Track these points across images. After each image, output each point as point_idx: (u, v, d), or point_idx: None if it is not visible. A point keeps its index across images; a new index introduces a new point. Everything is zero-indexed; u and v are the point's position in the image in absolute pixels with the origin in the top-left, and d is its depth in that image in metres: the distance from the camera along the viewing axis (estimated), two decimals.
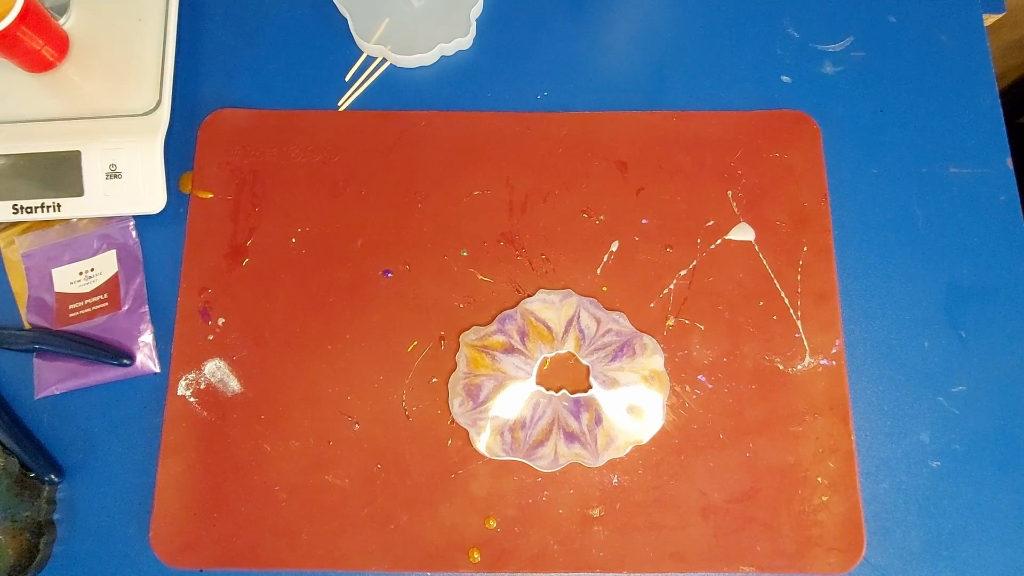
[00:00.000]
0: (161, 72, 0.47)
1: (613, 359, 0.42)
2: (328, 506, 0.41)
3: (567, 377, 0.43)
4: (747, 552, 0.40)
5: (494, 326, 0.43)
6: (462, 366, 0.42)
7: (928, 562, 0.41)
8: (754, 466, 0.42)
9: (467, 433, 0.42)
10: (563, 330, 0.43)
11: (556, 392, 0.42)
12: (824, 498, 0.41)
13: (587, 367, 0.43)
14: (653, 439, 0.42)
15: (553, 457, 0.41)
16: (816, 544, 0.40)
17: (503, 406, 0.42)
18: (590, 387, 0.42)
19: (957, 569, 0.40)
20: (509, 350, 0.43)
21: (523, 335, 0.43)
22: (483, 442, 0.41)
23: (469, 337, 0.43)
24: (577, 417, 0.42)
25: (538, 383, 0.43)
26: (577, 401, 0.42)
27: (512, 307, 0.44)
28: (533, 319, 0.43)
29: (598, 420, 0.42)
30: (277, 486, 0.41)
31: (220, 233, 0.45)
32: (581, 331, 0.43)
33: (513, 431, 0.41)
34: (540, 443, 0.41)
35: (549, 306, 0.43)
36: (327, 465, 0.42)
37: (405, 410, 0.42)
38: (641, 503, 0.41)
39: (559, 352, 0.43)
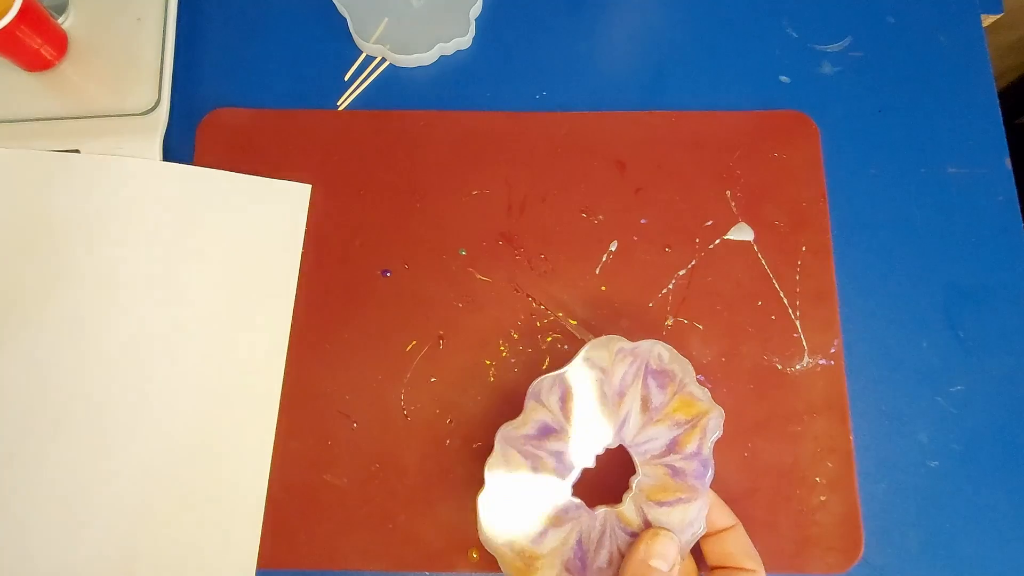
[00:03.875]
0: (160, 71, 0.47)
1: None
2: (326, 505, 0.41)
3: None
4: None
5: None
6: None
7: (927, 561, 0.41)
8: (752, 466, 0.42)
9: (466, 432, 0.42)
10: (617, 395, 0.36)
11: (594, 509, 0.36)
12: (822, 498, 0.41)
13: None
14: None
15: None
16: (814, 544, 0.40)
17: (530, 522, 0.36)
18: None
19: (956, 569, 0.40)
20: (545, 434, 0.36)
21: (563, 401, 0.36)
22: None
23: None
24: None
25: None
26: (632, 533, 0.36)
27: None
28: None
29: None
30: (275, 486, 0.41)
31: None
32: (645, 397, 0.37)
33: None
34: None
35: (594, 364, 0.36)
36: (325, 464, 0.42)
37: (404, 409, 0.42)
38: None
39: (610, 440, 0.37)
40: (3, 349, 0.42)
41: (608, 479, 0.38)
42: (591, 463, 0.37)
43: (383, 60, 0.48)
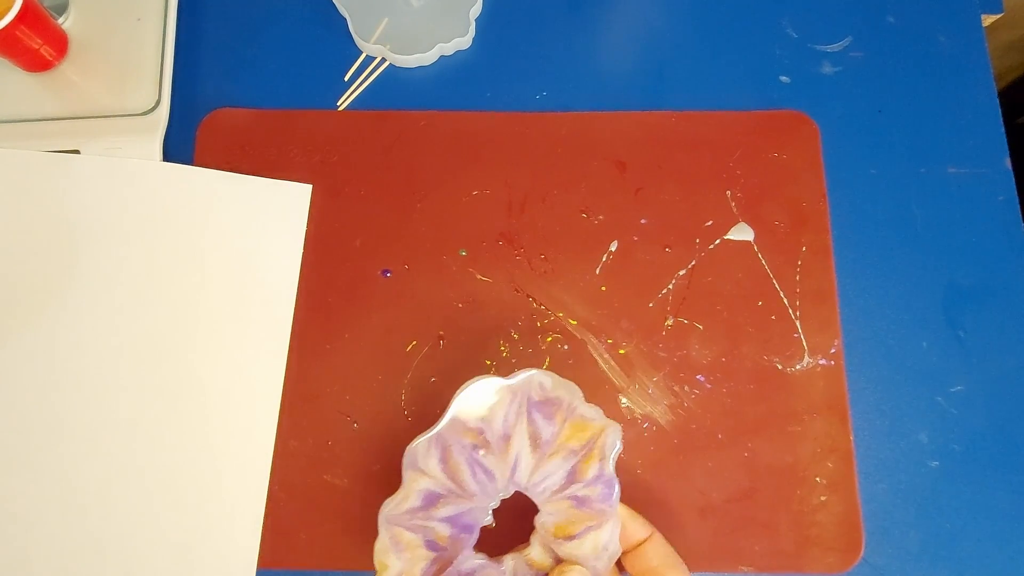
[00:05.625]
0: (160, 72, 0.47)
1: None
2: (327, 506, 0.41)
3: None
4: (745, 552, 0.40)
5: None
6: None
7: (927, 562, 0.41)
8: (753, 466, 0.42)
9: None
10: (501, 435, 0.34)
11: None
12: (823, 498, 0.41)
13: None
14: (652, 439, 0.42)
15: None
16: (815, 544, 0.40)
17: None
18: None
19: (955, 569, 0.41)
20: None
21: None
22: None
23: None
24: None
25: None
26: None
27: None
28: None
29: None
30: (275, 486, 0.41)
31: None
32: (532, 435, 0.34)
33: None
34: None
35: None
36: (326, 465, 0.42)
37: (404, 410, 0.42)
38: (639, 502, 0.41)
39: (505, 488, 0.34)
40: (3, 349, 0.42)
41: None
42: (489, 519, 0.34)
43: (383, 60, 0.48)
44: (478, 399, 0.33)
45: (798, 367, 0.43)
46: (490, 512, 0.34)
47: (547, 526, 0.34)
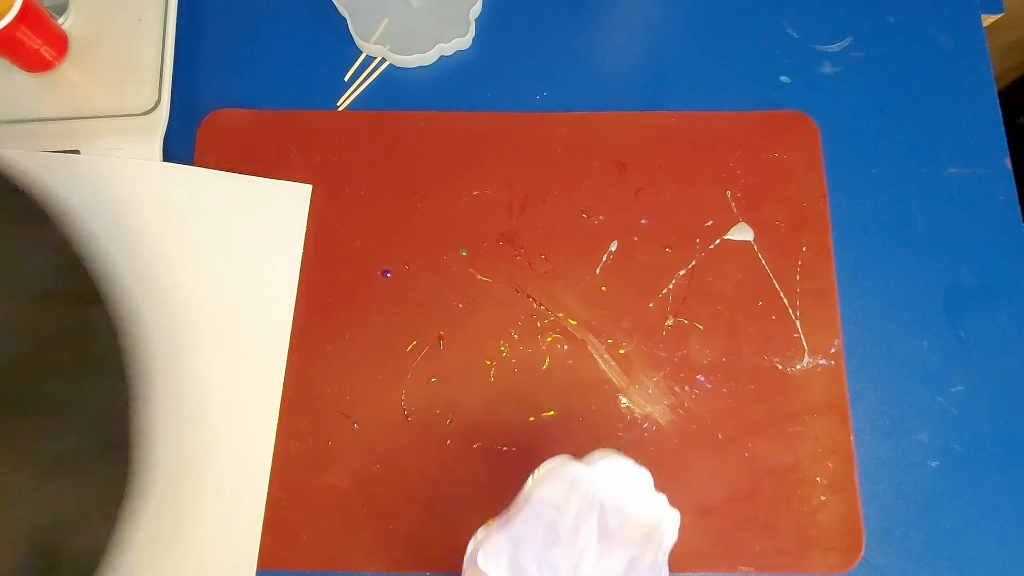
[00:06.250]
0: (160, 72, 0.47)
1: None
2: (327, 506, 0.41)
3: None
4: (746, 552, 0.40)
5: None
6: None
7: (927, 562, 0.41)
8: (753, 466, 0.42)
9: (466, 432, 0.42)
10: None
11: None
12: (823, 498, 0.41)
13: None
14: (652, 439, 0.42)
15: None
16: (815, 544, 0.40)
17: None
18: None
19: (956, 569, 0.40)
20: None
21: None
22: None
23: None
24: None
25: None
26: None
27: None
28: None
29: None
30: (275, 486, 0.41)
31: None
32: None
33: None
34: None
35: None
36: (326, 465, 0.42)
37: (404, 410, 0.42)
38: None
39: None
40: None
41: None
42: None
43: (383, 60, 0.48)
44: (554, 484, 0.31)
45: (798, 367, 0.43)
46: None
47: None
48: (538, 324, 0.44)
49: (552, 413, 0.42)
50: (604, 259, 0.45)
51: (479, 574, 0.31)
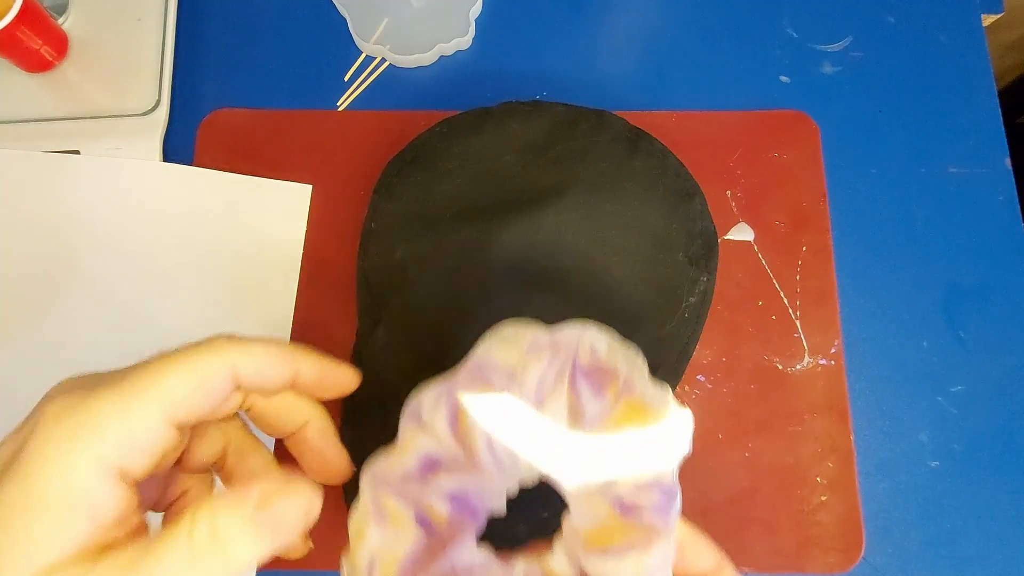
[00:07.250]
0: (160, 72, 0.47)
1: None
2: (326, 506, 0.41)
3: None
4: (746, 552, 0.40)
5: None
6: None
7: (927, 561, 0.41)
8: (753, 466, 0.41)
9: None
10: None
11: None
12: (823, 498, 0.41)
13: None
14: None
15: None
16: (815, 544, 0.40)
17: None
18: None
19: (956, 568, 0.40)
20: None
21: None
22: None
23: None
24: None
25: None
26: None
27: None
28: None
29: None
30: None
31: None
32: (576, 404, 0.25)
33: None
34: None
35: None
36: None
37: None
38: None
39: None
40: (4, 349, 0.42)
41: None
42: (501, 506, 0.26)
43: (383, 60, 0.48)
44: (510, 351, 0.26)
45: (798, 367, 0.43)
46: (504, 497, 0.26)
47: (577, 531, 0.25)
48: None
49: None
50: None
51: (415, 432, 0.26)
